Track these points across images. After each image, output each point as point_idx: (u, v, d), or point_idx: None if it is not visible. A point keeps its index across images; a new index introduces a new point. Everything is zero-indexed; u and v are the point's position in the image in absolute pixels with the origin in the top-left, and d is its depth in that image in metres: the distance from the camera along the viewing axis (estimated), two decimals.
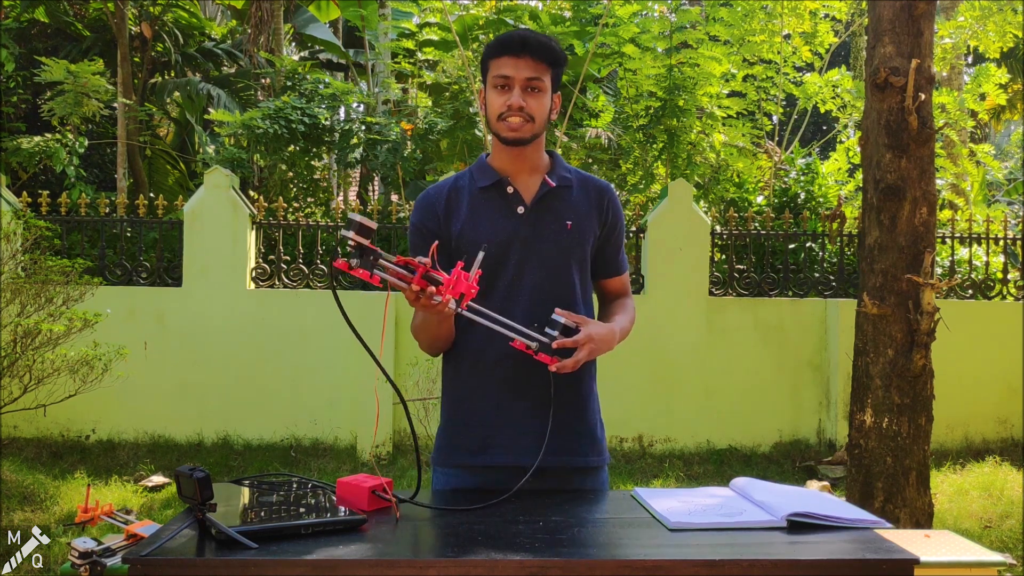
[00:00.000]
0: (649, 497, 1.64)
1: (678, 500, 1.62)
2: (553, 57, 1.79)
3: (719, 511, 1.55)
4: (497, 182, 1.84)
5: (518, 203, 1.83)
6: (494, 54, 1.80)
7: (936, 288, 3.42)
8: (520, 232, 1.81)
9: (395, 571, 1.27)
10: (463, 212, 1.83)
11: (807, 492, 1.73)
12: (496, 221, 1.81)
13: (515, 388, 1.80)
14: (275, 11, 9.31)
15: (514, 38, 1.78)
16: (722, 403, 6.14)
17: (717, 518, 1.51)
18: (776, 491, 1.67)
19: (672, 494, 1.68)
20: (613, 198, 1.91)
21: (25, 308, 4.52)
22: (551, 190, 1.84)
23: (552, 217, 1.83)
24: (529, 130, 1.78)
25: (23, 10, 9.46)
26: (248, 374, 6.00)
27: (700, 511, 1.55)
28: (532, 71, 1.77)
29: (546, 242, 1.82)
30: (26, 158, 7.59)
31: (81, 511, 1.54)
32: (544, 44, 1.78)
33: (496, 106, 1.79)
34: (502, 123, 1.78)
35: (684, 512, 1.53)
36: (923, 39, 3.52)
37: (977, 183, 9.40)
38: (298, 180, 7.88)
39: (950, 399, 4.94)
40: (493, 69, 1.80)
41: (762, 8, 7.73)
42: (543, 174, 1.86)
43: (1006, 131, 17.86)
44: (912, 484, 3.48)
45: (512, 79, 1.77)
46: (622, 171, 7.85)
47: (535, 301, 1.80)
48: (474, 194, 1.84)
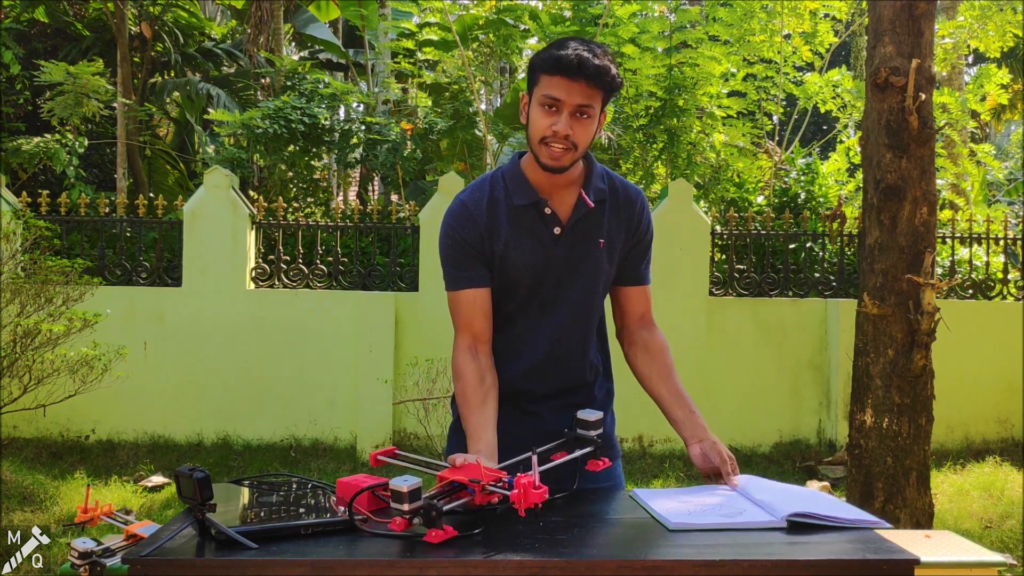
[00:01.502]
0: (648, 498, 1.63)
1: (678, 500, 1.61)
2: (610, 84, 1.68)
3: (719, 511, 1.55)
4: (535, 203, 1.78)
5: (555, 224, 1.78)
6: (547, 70, 1.67)
7: (936, 288, 3.42)
8: (558, 254, 1.79)
9: (395, 571, 1.27)
10: (504, 230, 1.77)
11: (807, 491, 1.72)
12: (535, 240, 1.78)
13: (533, 388, 1.82)
14: (275, 11, 9.31)
15: (572, 60, 1.64)
16: (722, 403, 6.14)
17: (717, 519, 1.50)
18: (776, 490, 1.66)
19: (672, 494, 1.67)
20: (645, 206, 1.88)
21: (25, 308, 4.51)
22: (588, 211, 1.79)
23: (586, 237, 1.80)
24: (571, 158, 1.71)
25: (23, 10, 9.45)
26: (248, 374, 5.99)
27: (700, 511, 1.54)
28: (585, 98, 1.66)
29: (581, 262, 1.80)
30: (26, 159, 7.59)
31: (81, 511, 1.54)
32: (602, 70, 1.65)
33: (541, 128, 1.68)
34: (544, 147, 1.69)
35: (684, 512, 1.53)
36: (923, 39, 3.52)
37: (977, 183, 9.40)
38: (298, 180, 7.88)
39: (950, 399, 4.94)
40: (543, 86, 1.68)
41: (762, 8, 7.73)
42: (579, 187, 1.79)
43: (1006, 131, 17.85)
44: (912, 484, 3.48)
45: (562, 103, 1.66)
46: (622, 171, 7.85)
47: (568, 317, 1.83)
48: (511, 211, 1.77)
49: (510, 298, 1.82)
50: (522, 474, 1.37)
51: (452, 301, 1.80)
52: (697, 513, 1.53)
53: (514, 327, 1.83)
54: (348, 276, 6.27)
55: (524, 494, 1.34)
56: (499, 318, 1.82)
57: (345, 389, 5.98)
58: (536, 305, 1.82)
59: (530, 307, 1.82)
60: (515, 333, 1.83)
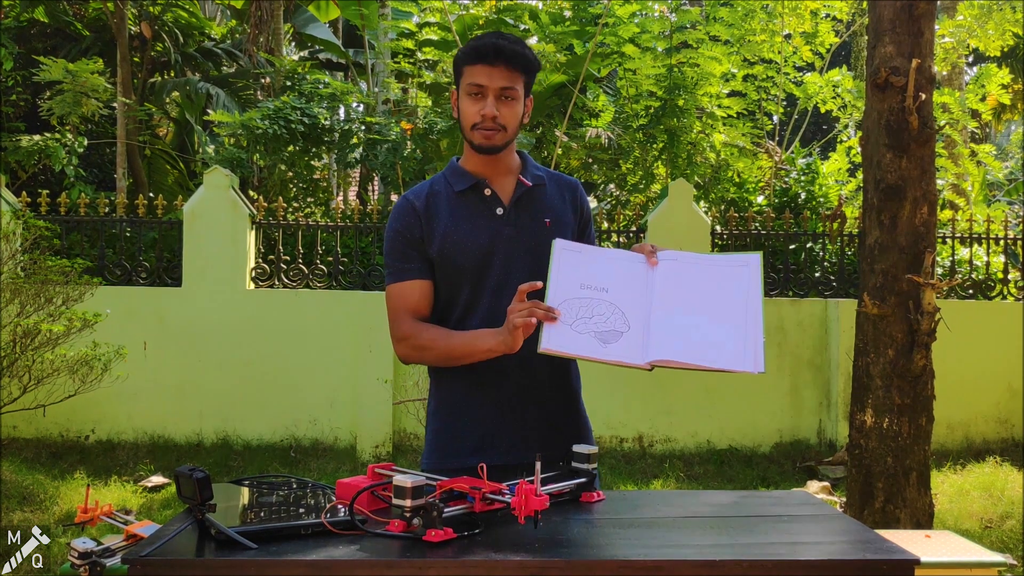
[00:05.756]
0: (559, 267, 1.67)
1: (579, 287, 1.64)
2: (527, 65, 1.80)
3: (600, 323, 1.59)
4: (474, 185, 1.85)
5: (497, 204, 1.85)
6: (468, 61, 1.80)
7: (936, 288, 3.42)
8: (502, 232, 1.83)
9: (395, 571, 1.27)
10: (444, 216, 1.84)
11: (723, 299, 1.65)
12: (477, 223, 1.83)
13: (510, 386, 1.82)
14: (275, 11, 9.31)
15: (488, 46, 1.77)
16: (722, 403, 6.14)
17: (588, 347, 1.56)
18: (685, 300, 1.64)
19: (580, 275, 1.68)
20: (583, 193, 1.98)
21: (25, 308, 4.51)
22: (527, 190, 1.87)
23: (531, 216, 1.86)
24: (502, 138, 1.81)
25: (23, 10, 9.45)
26: (248, 374, 5.99)
27: (584, 315, 1.59)
28: (506, 80, 1.78)
29: (528, 240, 1.84)
30: (24, 156, 7.59)
31: (81, 511, 1.54)
32: (518, 52, 1.79)
33: (470, 115, 1.80)
34: (476, 132, 1.80)
35: (566, 322, 1.58)
36: (923, 39, 3.52)
37: (977, 183, 9.40)
38: (298, 180, 7.88)
39: (950, 399, 4.94)
40: (467, 76, 1.80)
41: (762, 8, 7.73)
42: (517, 175, 1.88)
43: (1006, 131, 17.86)
44: (913, 484, 3.48)
45: (486, 88, 1.78)
46: (622, 171, 7.85)
47: None
48: (452, 198, 1.85)
49: (461, 286, 1.83)
50: (523, 480, 1.37)
51: (395, 292, 1.83)
52: (577, 325, 1.58)
53: (472, 318, 1.83)
54: (348, 276, 6.27)
55: (525, 501, 1.34)
56: (455, 311, 1.84)
57: (345, 389, 5.98)
58: (489, 290, 1.82)
59: (482, 293, 1.82)
60: (474, 324, 1.82)
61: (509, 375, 1.81)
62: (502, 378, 1.81)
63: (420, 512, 1.35)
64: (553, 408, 1.85)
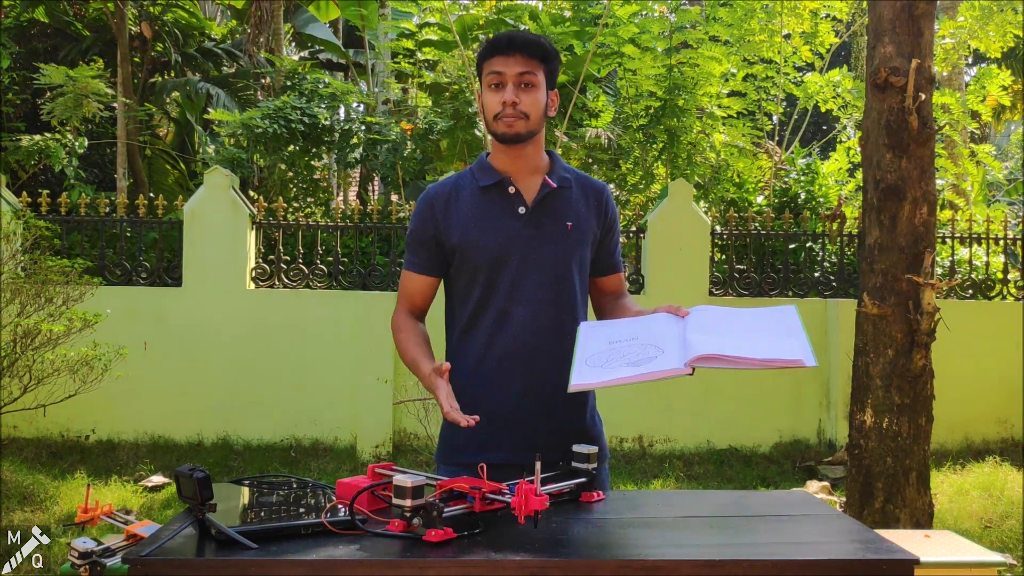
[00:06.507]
0: (585, 339, 1.65)
1: (607, 344, 1.61)
2: (543, 52, 1.82)
3: (630, 358, 1.53)
4: (499, 182, 1.85)
5: (519, 203, 1.84)
6: (486, 56, 1.84)
7: (936, 288, 3.42)
8: (522, 233, 1.83)
9: (395, 571, 1.27)
10: (465, 210, 1.84)
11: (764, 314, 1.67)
12: (498, 221, 1.83)
13: (518, 387, 1.82)
14: (275, 11, 9.31)
15: (502, 38, 1.82)
16: (722, 403, 6.13)
17: (621, 372, 1.49)
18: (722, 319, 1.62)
19: (607, 335, 1.65)
20: (610, 198, 1.96)
21: (25, 308, 4.51)
22: (552, 191, 1.85)
23: (553, 218, 1.85)
24: (524, 126, 1.80)
25: (23, 10, 9.45)
26: (248, 374, 5.99)
27: (612, 360, 1.54)
28: (523, 66, 1.79)
29: (547, 243, 1.83)
30: (24, 156, 7.58)
31: (81, 511, 1.54)
32: (532, 40, 1.82)
33: (492, 105, 1.81)
34: (498, 122, 1.80)
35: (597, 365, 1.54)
36: (923, 39, 3.53)
37: (977, 183, 9.40)
38: (298, 180, 7.88)
39: (950, 399, 4.93)
40: (486, 69, 1.83)
41: (762, 8, 7.74)
42: (543, 174, 1.87)
43: (1006, 131, 17.86)
44: (912, 484, 3.48)
45: (504, 75, 1.79)
46: (622, 171, 7.85)
47: (537, 301, 1.82)
48: (475, 193, 1.86)
49: (474, 284, 1.83)
50: (523, 480, 1.38)
51: (403, 278, 1.94)
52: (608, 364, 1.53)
53: (483, 319, 1.83)
54: (348, 276, 6.27)
55: (525, 501, 1.34)
56: (468, 306, 1.85)
57: (345, 389, 5.98)
58: (501, 291, 1.82)
59: (494, 293, 1.82)
60: (486, 323, 1.83)
61: (517, 376, 1.82)
62: (511, 379, 1.82)
63: (420, 512, 1.35)
64: (562, 412, 1.84)
